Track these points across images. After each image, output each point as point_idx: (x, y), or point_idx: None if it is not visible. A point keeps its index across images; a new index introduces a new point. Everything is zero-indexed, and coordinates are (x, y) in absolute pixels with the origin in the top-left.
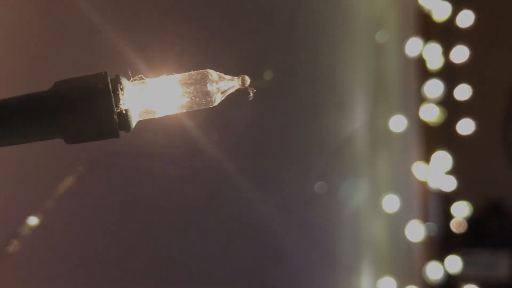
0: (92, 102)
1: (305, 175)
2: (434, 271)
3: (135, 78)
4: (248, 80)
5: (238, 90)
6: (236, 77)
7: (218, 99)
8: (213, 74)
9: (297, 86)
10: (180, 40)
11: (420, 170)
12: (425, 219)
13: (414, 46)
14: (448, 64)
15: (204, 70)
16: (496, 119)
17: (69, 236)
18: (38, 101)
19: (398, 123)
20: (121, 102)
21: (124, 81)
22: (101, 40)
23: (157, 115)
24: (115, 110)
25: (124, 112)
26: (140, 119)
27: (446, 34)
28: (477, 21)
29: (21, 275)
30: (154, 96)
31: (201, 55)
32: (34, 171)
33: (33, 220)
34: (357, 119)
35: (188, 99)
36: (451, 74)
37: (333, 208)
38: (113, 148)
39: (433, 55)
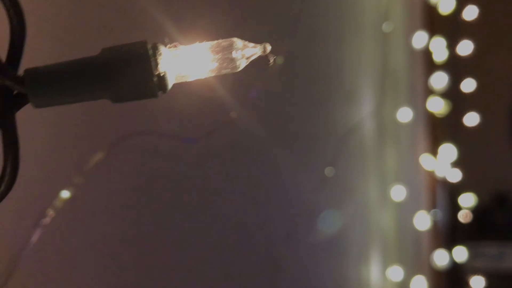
0: (134, 66)
1: (314, 162)
2: (442, 259)
3: (170, 45)
4: (269, 47)
5: (259, 57)
6: (258, 45)
7: (242, 64)
8: (238, 42)
9: (307, 75)
10: (210, 11)
11: (427, 161)
12: (432, 209)
13: (420, 39)
14: (453, 57)
15: (231, 38)
16: (501, 111)
17: (94, 215)
18: (88, 64)
19: (405, 115)
20: (159, 66)
21: (161, 47)
22: (142, 12)
23: (190, 79)
24: (154, 73)
25: (161, 75)
26: (175, 82)
27: (452, 27)
28: (481, 15)
29: (47, 253)
30: (187, 61)
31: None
32: (62, 151)
33: (65, 194)
34: (365, 110)
35: (217, 64)
36: (456, 67)
37: (342, 196)
38: (134, 129)
39: (439, 48)
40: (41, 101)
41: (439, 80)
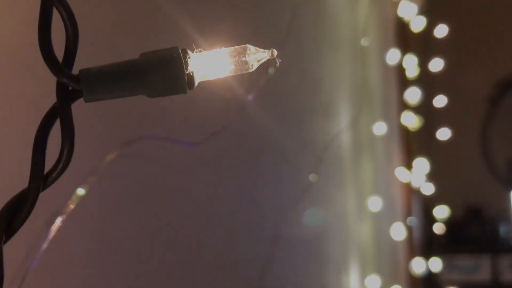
0: (168, 67)
1: (296, 173)
2: (418, 268)
3: (196, 50)
4: (275, 52)
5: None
6: (267, 50)
7: (255, 66)
8: (251, 48)
9: (287, 92)
10: (229, 22)
11: (402, 174)
12: (408, 220)
13: (393, 56)
14: (425, 74)
15: (245, 45)
16: (473, 126)
17: (100, 217)
18: (130, 66)
19: (380, 128)
20: (188, 67)
21: (189, 52)
22: (173, 23)
23: (211, 78)
24: (185, 72)
25: (191, 74)
26: (200, 80)
27: (423, 45)
28: (452, 33)
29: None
30: (210, 63)
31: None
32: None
33: (80, 191)
34: (342, 123)
35: (234, 66)
36: (429, 83)
37: (321, 205)
38: (143, 132)
39: (411, 64)
40: (92, 96)
41: (412, 95)
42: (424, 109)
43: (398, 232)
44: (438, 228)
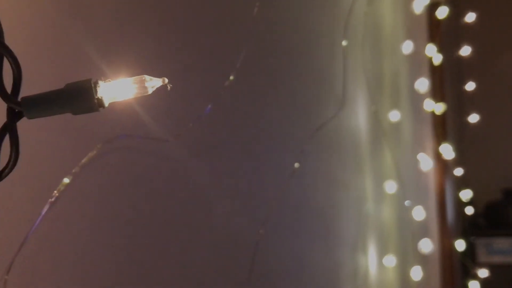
0: (83, 94)
1: (285, 156)
2: (455, 248)
3: (106, 80)
4: (166, 80)
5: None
6: (160, 78)
7: (150, 91)
8: (147, 77)
9: (304, 85)
10: (137, 55)
11: (427, 159)
12: (438, 204)
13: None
14: (454, 60)
15: (142, 75)
16: (504, 110)
17: (85, 207)
18: (59, 93)
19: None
20: (99, 92)
21: (100, 82)
22: (89, 59)
23: (119, 100)
24: (95, 97)
25: (100, 98)
26: (110, 101)
27: (452, 32)
28: (479, 20)
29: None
30: (117, 89)
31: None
32: (58, 150)
33: (66, 180)
34: (360, 113)
35: (136, 91)
36: (458, 69)
37: (337, 191)
38: (119, 132)
39: (435, 52)
40: (31, 115)
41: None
42: (454, 94)
43: (419, 214)
44: (472, 211)
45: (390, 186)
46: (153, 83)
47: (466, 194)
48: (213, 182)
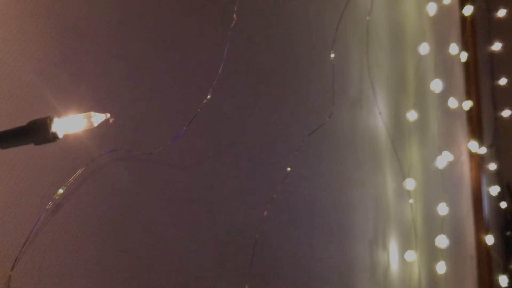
0: (42, 129)
1: (278, 159)
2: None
3: (60, 117)
4: (109, 114)
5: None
6: (104, 114)
7: (95, 124)
8: (93, 113)
9: (322, 88)
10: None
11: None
12: (474, 200)
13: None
14: (486, 56)
15: (90, 112)
16: None
17: (79, 206)
18: (22, 128)
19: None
20: (53, 127)
21: (55, 118)
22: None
23: (71, 132)
24: (51, 131)
25: (54, 131)
26: (64, 133)
27: (483, 29)
28: (509, 15)
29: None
30: (69, 124)
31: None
32: (51, 164)
33: (60, 191)
34: (383, 113)
35: (85, 124)
36: (488, 66)
37: (356, 189)
38: (106, 148)
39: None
40: (2, 146)
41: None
42: (487, 90)
43: (443, 210)
44: (507, 206)
45: (417, 184)
46: (98, 117)
47: (500, 189)
48: (213, 183)
